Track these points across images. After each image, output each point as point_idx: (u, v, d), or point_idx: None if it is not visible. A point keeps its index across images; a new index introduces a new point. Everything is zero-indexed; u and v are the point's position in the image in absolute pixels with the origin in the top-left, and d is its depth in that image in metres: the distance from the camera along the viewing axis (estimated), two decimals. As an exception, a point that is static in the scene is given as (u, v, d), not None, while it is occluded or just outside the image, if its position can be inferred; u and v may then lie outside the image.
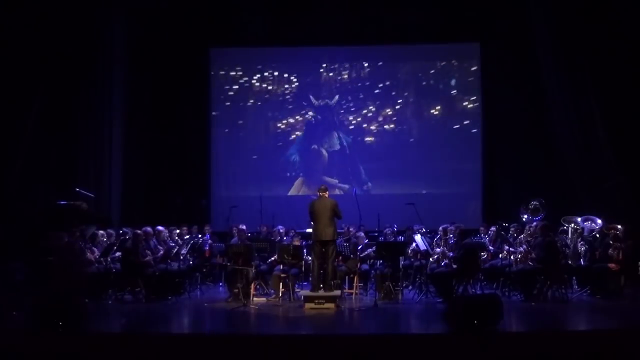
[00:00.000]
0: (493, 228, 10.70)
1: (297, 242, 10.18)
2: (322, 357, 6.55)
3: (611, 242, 9.54)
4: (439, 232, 10.12)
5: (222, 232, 11.93)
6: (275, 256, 9.97)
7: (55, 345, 6.62)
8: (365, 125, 13.81)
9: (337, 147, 13.82)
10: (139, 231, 9.87)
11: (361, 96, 13.83)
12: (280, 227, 11.17)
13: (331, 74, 13.89)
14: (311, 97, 13.78)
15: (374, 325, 8.10)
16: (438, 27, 13.27)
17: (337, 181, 13.70)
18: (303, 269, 9.98)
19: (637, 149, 11.33)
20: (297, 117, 13.88)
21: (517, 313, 8.42)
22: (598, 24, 11.56)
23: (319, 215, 9.10)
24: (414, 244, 10.10)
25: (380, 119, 13.79)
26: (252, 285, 9.61)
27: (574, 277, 10.06)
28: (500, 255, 9.95)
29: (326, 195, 9.33)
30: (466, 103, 13.70)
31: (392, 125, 13.77)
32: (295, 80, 13.94)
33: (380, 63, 13.87)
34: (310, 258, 9.75)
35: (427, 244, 9.86)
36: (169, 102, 13.33)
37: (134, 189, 13.11)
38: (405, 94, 13.83)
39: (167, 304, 9.39)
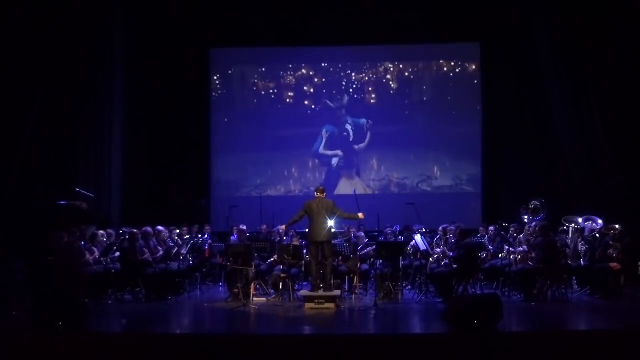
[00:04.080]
0: (492, 228, 10.70)
1: (297, 242, 10.18)
2: (322, 357, 6.55)
3: (611, 242, 9.55)
4: (439, 232, 10.13)
5: (222, 232, 11.93)
6: (275, 256, 9.97)
7: (55, 345, 6.62)
8: (364, 125, 13.80)
9: (337, 145, 13.82)
10: (135, 230, 9.87)
11: (360, 96, 13.83)
12: (280, 227, 11.15)
13: (330, 74, 13.89)
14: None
15: (374, 325, 8.10)
16: (438, 27, 13.25)
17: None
18: (303, 269, 9.98)
19: (637, 149, 11.34)
20: (297, 117, 13.87)
21: (517, 313, 8.42)
22: (598, 24, 11.56)
23: (316, 215, 9.05)
24: (413, 242, 10.11)
25: (380, 118, 13.79)
26: (252, 285, 9.61)
27: (574, 277, 10.07)
28: (500, 255, 9.95)
29: (323, 197, 9.27)
30: (466, 103, 13.69)
31: (391, 125, 13.76)
32: (295, 80, 13.93)
33: (380, 63, 13.87)
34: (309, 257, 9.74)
35: (427, 244, 9.87)
36: (169, 102, 13.33)
37: (134, 189, 13.11)
38: (405, 93, 13.84)
39: (167, 304, 9.39)
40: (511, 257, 9.63)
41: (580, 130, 11.97)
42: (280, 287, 9.54)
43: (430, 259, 9.76)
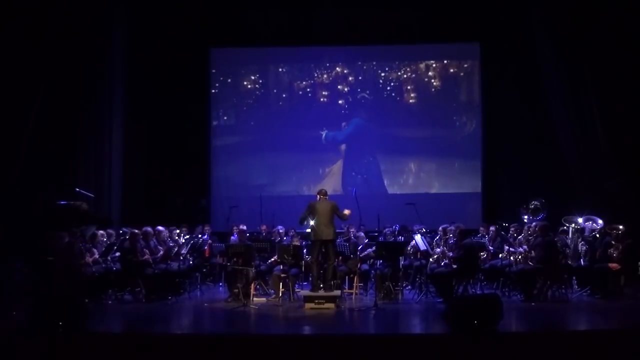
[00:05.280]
0: (492, 228, 10.70)
1: (297, 242, 10.18)
2: (322, 357, 6.55)
3: (613, 242, 9.54)
4: (439, 232, 10.13)
5: (222, 232, 11.93)
6: (275, 256, 9.97)
7: (55, 345, 6.61)
8: (364, 125, 13.81)
9: (336, 146, 13.82)
10: (136, 230, 9.87)
11: (360, 96, 13.83)
12: (280, 227, 11.17)
13: (330, 74, 13.89)
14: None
15: (374, 325, 8.10)
16: (438, 27, 13.25)
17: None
18: (303, 269, 9.98)
19: (637, 149, 11.33)
20: (297, 117, 13.86)
21: (517, 313, 8.42)
22: (598, 24, 11.57)
23: (320, 215, 9.16)
24: (413, 242, 10.12)
25: (380, 119, 13.79)
26: (252, 285, 9.62)
27: (574, 277, 10.07)
28: (500, 255, 9.95)
29: (326, 198, 9.42)
30: (466, 103, 13.70)
31: (391, 126, 13.77)
32: (294, 80, 13.94)
33: (380, 63, 13.87)
34: (309, 257, 9.75)
35: (427, 244, 9.87)
36: (169, 102, 13.31)
37: (134, 189, 13.11)
38: (405, 94, 13.83)
39: (167, 304, 9.39)
40: (511, 257, 9.63)
41: (580, 130, 11.96)
42: (280, 287, 9.53)
43: (430, 259, 9.76)
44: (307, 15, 13.29)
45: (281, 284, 9.55)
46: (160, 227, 10.43)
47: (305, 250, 10.05)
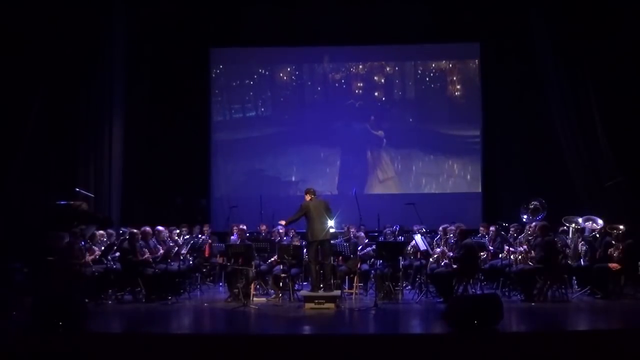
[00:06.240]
0: (492, 228, 10.70)
1: (297, 242, 10.18)
2: (322, 357, 6.55)
3: (613, 242, 9.55)
4: (439, 232, 10.13)
5: (222, 232, 11.93)
6: (275, 256, 9.97)
7: (55, 345, 6.62)
8: (365, 125, 13.81)
9: (336, 146, 13.83)
10: (135, 230, 9.87)
11: (361, 96, 13.83)
12: (280, 227, 11.15)
13: (331, 74, 13.90)
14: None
15: (374, 325, 8.10)
16: (438, 27, 13.26)
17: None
18: (303, 269, 9.98)
19: (637, 149, 11.33)
20: (297, 117, 13.86)
21: (517, 313, 8.42)
22: (598, 24, 11.57)
23: (316, 215, 9.10)
24: (413, 242, 10.12)
25: (380, 119, 13.79)
26: (252, 285, 9.61)
27: (574, 277, 10.07)
28: (500, 255, 9.95)
29: (315, 197, 9.34)
30: (466, 103, 13.70)
31: (391, 125, 13.77)
32: (294, 80, 13.94)
33: (380, 63, 13.87)
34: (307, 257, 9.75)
35: (427, 244, 9.87)
36: (169, 101, 13.31)
37: (134, 189, 13.10)
38: (405, 94, 13.84)
39: (167, 304, 9.39)
40: (511, 257, 9.63)
41: (580, 130, 11.97)
42: (280, 287, 9.52)
43: (430, 259, 9.76)
44: (307, 15, 13.25)
45: (281, 284, 9.54)
46: (160, 227, 10.42)
47: (305, 250, 10.04)
